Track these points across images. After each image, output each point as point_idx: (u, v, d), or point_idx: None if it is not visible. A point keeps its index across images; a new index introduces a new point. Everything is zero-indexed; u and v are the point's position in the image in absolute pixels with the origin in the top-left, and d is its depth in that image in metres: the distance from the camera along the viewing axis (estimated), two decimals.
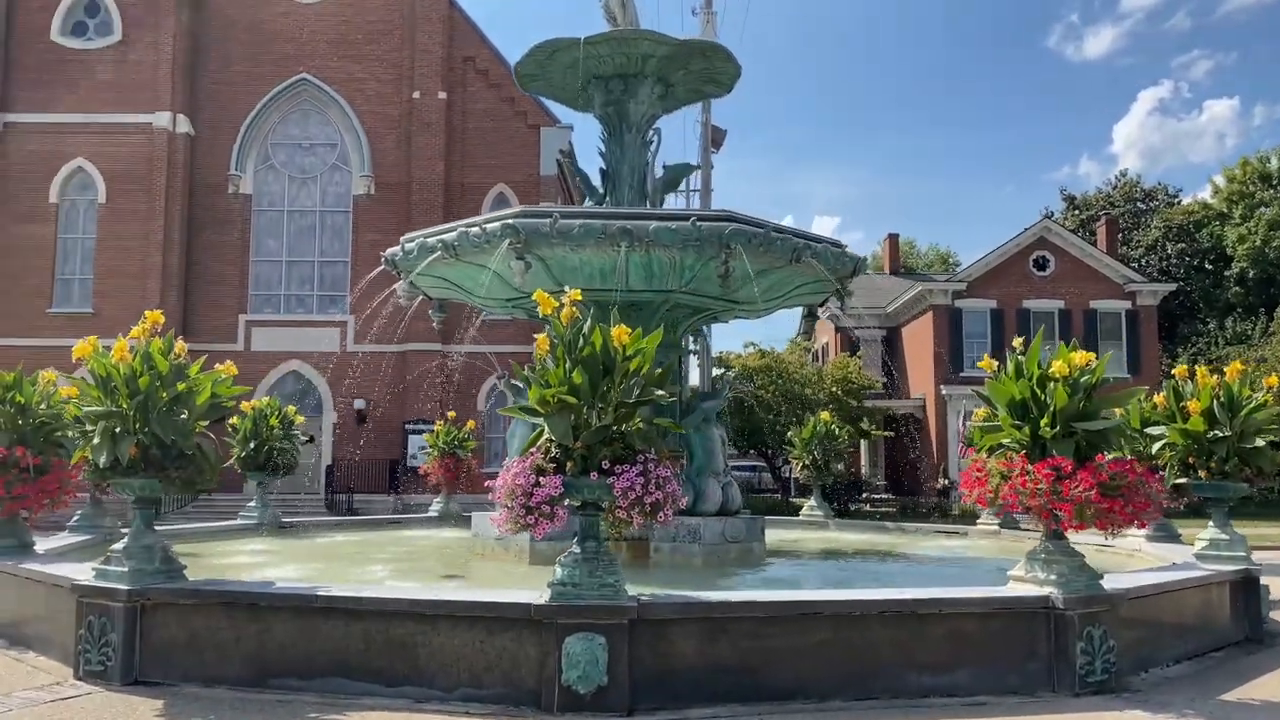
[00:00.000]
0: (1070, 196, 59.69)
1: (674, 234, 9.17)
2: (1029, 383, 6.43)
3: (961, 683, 6.08)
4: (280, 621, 6.08)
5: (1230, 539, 8.37)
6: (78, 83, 35.39)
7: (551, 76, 11.77)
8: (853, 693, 5.89)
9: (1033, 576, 6.42)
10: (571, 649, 5.49)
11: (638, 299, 10.49)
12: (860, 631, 6.00)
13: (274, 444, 13.47)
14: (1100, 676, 6.19)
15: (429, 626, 5.83)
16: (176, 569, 6.53)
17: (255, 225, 36.67)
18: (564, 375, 5.70)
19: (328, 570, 9.25)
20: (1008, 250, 38.25)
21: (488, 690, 5.70)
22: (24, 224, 34.78)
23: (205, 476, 6.57)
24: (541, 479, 5.55)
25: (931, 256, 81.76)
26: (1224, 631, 7.94)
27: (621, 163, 11.56)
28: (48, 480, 8.17)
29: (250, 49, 36.51)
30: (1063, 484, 6.05)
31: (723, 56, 11.39)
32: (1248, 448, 8.16)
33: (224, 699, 5.83)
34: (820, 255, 9.95)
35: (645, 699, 5.63)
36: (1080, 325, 37.93)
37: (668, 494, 5.61)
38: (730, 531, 10.10)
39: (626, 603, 5.64)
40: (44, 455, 8.20)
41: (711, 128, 30.46)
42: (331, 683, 5.91)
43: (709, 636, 5.82)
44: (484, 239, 9.44)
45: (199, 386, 6.60)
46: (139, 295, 34.46)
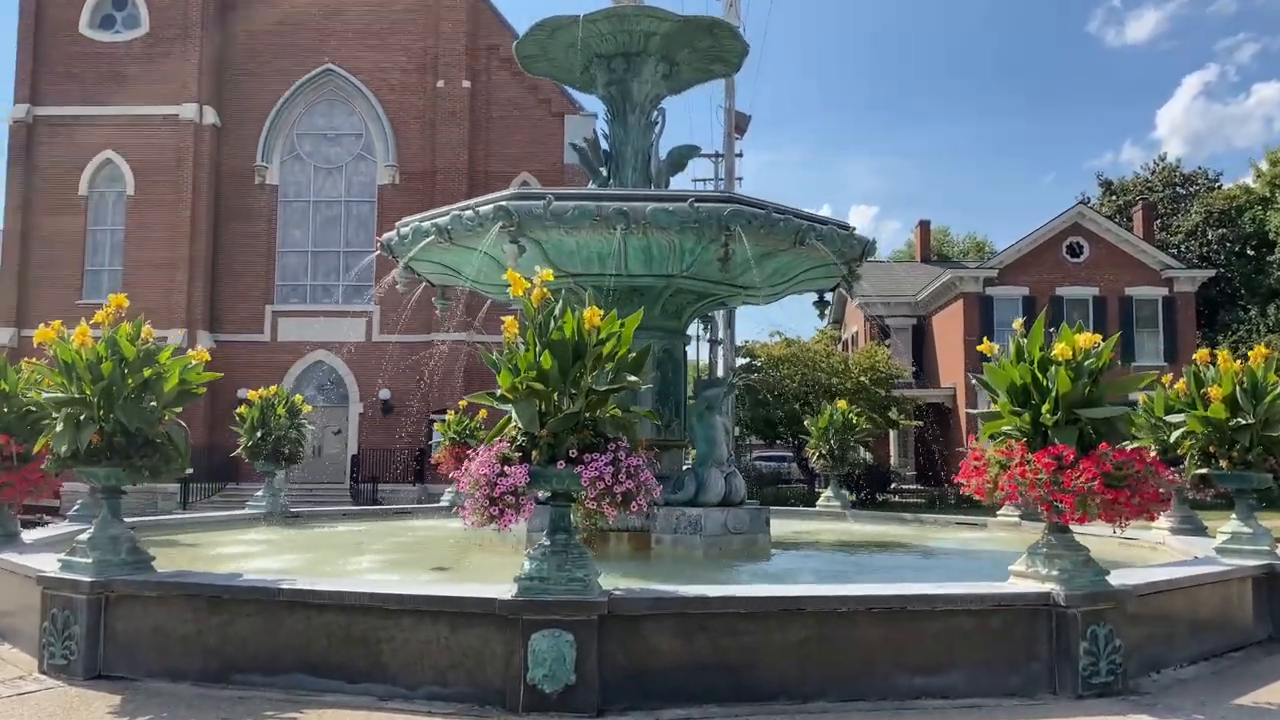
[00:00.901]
0: (1107, 182, 58.45)
1: (671, 216, 8.86)
2: (1030, 366, 6.07)
3: (956, 684, 5.75)
4: (244, 615, 5.88)
5: (1254, 532, 7.94)
6: (106, 76, 35.63)
7: (554, 56, 11.48)
8: (838, 693, 5.58)
9: (1034, 572, 6.07)
10: (537, 646, 5.23)
11: (638, 284, 10.20)
12: (847, 629, 5.68)
13: (281, 433, 13.35)
14: (1105, 678, 5.83)
15: (392, 622, 5.60)
16: (144, 560, 6.35)
17: (281, 216, 36.79)
18: (533, 360, 5.43)
19: (317, 562, 9.07)
20: (1040, 236, 37.47)
21: (452, 688, 5.46)
22: (54, 216, 35.11)
23: (174, 465, 6.38)
24: (507, 468, 5.28)
25: (967, 244, 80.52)
26: (1245, 630, 7.52)
27: (625, 144, 11.26)
28: (30, 469, 8.02)
29: (276, 40, 36.57)
30: (1064, 474, 5.68)
31: (728, 33, 11.04)
32: (1273, 436, 7.73)
33: (184, 695, 5.64)
34: (825, 237, 9.59)
35: (617, 699, 5.36)
36: (1116, 312, 37.15)
37: (640, 484, 5.33)
38: (733, 523, 9.79)
39: (596, 598, 5.36)
40: (27, 444, 8.06)
41: (736, 113, 30.09)
42: (295, 679, 5.70)
43: (685, 633, 5.53)
44: (476, 222, 9.19)
45: (167, 372, 6.40)
46: (167, 286, 34.74)
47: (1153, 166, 58.77)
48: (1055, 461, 5.74)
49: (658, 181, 11.27)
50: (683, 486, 9.95)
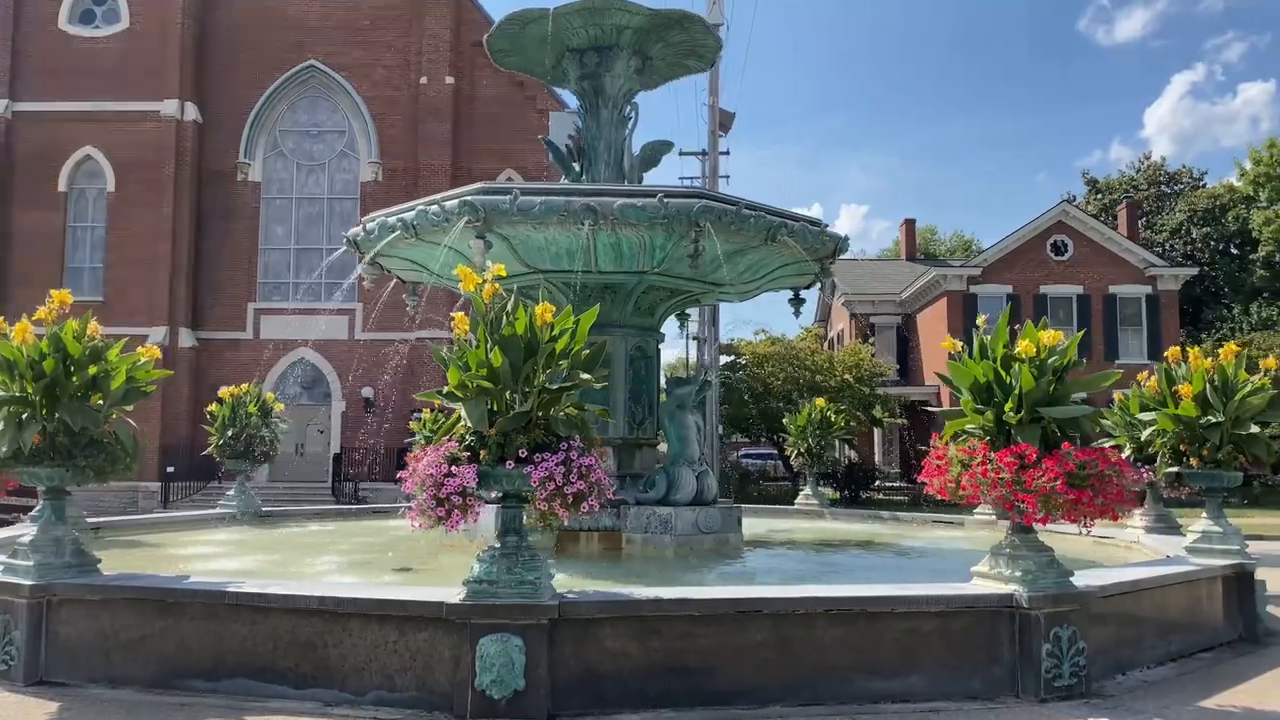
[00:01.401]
0: (1092, 180, 58.55)
1: (640, 211, 8.73)
2: (993, 364, 5.97)
3: (917, 687, 5.64)
4: (188, 619, 5.73)
5: (1224, 531, 7.86)
6: (85, 71, 35.28)
7: (526, 50, 11.34)
8: (797, 698, 5.47)
9: (997, 573, 5.97)
10: (485, 651, 5.10)
11: (609, 280, 10.08)
12: (805, 631, 5.57)
13: (252, 431, 13.17)
14: (1069, 680, 5.73)
15: (340, 626, 5.46)
16: (89, 563, 6.19)
17: (264, 213, 36.51)
18: (483, 357, 5.30)
19: (279, 563, 8.92)
20: (1024, 234, 37.46)
21: (401, 694, 5.33)
22: (34, 212, 34.77)
23: (120, 465, 6.23)
24: (454, 468, 5.14)
25: (954, 243, 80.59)
26: (1215, 630, 7.44)
27: (598, 139, 11.13)
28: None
29: (258, 35, 36.27)
30: (1026, 474, 5.59)
31: (700, 28, 10.92)
32: (1242, 434, 7.64)
33: (125, 701, 5.49)
34: (797, 234, 9.48)
35: (569, 704, 5.24)
36: (1100, 311, 37.16)
37: (592, 484, 5.21)
38: (704, 522, 9.68)
39: (547, 601, 5.24)
40: None
41: (720, 110, 29.96)
42: (240, 684, 5.56)
43: (640, 637, 5.41)
44: (442, 217, 9.04)
45: (114, 370, 6.24)
46: (148, 284, 34.47)
47: (1138, 165, 58.90)
48: (1017, 461, 5.64)
49: (630, 177, 11.13)
50: (654, 485, 9.84)
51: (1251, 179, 51.31)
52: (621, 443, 10.28)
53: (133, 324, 34.18)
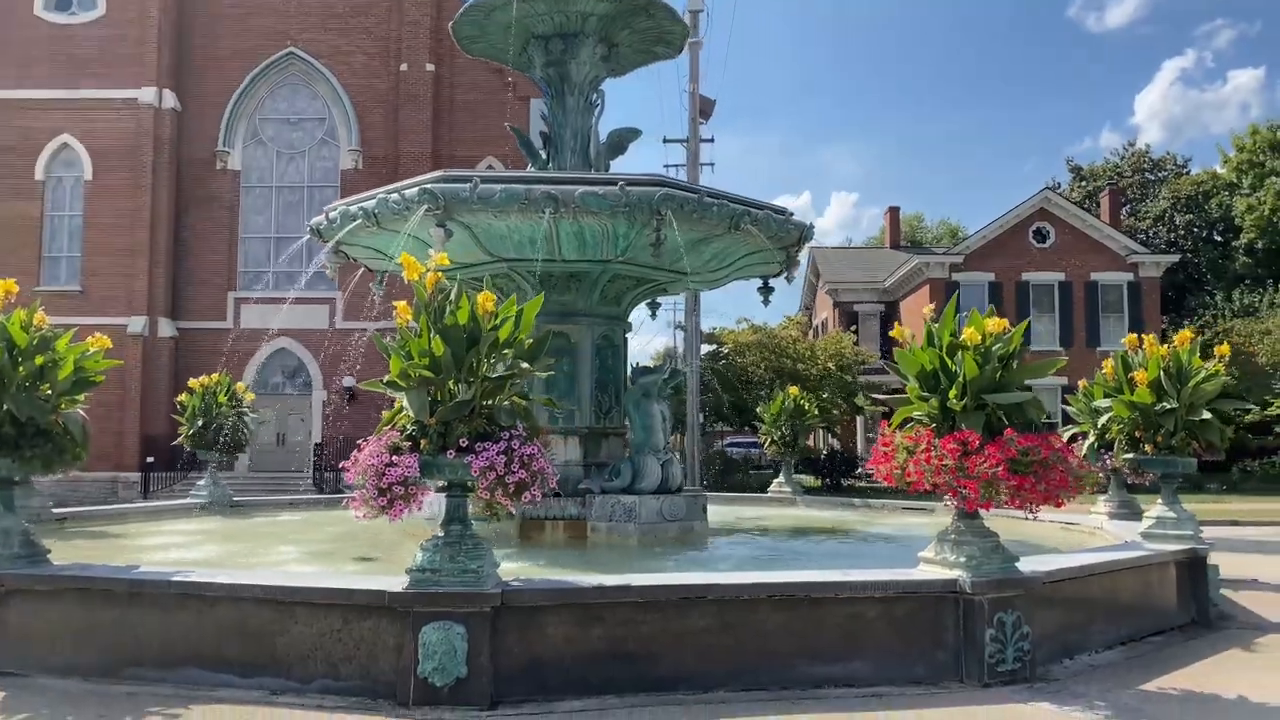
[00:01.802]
0: (1077, 168, 58.69)
1: (602, 200, 8.73)
2: (939, 352, 6.00)
3: (861, 673, 5.69)
4: (136, 609, 5.74)
5: (1178, 517, 7.93)
6: (62, 58, 35.01)
7: (492, 37, 11.31)
8: (739, 683, 5.51)
9: (942, 559, 6.02)
10: (427, 639, 5.12)
11: (574, 269, 10.09)
12: (748, 617, 5.60)
13: (222, 421, 13.14)
14: (1012, 665, 5.79)
15: (286, 614, 5.48)
16: (38, 554, 6.19)
17: (244, 202, 36.36)
18: (425, 346, 5.30)
19: (240, 553, 8.92)
20: (1007, 222, 37.57)
21: (346, 682, 5.35)
22: (10, 201, 34.52)
23: (67, 455, 6.21)
24: (395, 458, 5.16)
25: (940, 230, 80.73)
26: (1167, 614, 7.52)
27: (564, 127, 11.11)
28: None
29: (237, 22, 36.06)
30: (969, 460, 5.63)
31: (667, 14, 10.90)
32: (1195, 420, 7.70)
33: (71, 692, 5.50)
34: (760, 222, 9.48)
35: (511, 691, 5.27)
36: (1081, 298, 37.34)
37: (534, 473, 5.22)
38: (669, 510, 9.72)
39: (490, 589, 5.25)
40: None
41: (700, 97, 29.90)
42: (188, 673, 5.57)
43: (582, 624, 5.44)
44: (403, 205, 9.03)
45: (62, 359, 6.22)
46: (127, 273, 34.31)
47: (1122, 152, 59.04)
48: (960, 447, 5.68)
49: (597, 165, 11.12)
50: (619, 474, 9.86)
51: (1235, 166, 51.51)
52: (588, 432, 10.30)
53: (112, 314, 34.09)
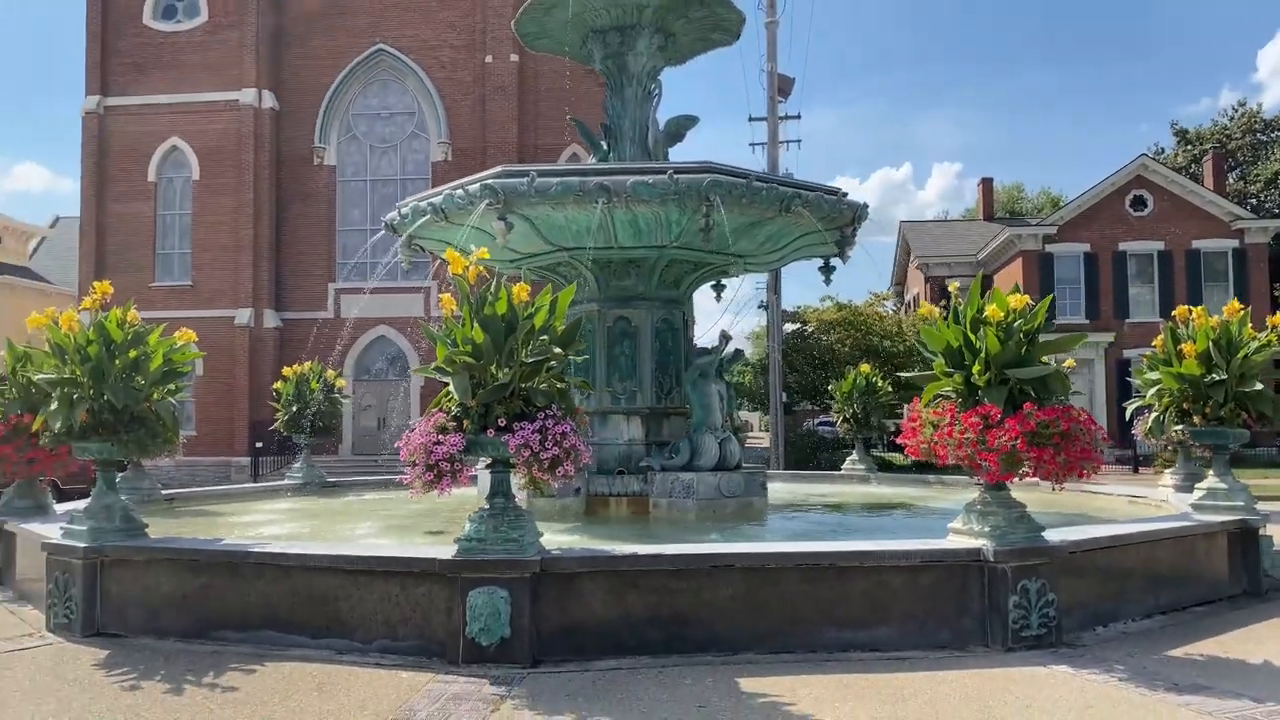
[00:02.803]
0: (1182, 131, 56.33)
1: (652, 189, 9.04)
2: (962, 328, 6.18)
3: (887, 638, 5.95)
4: (220, 577, 6.35)
5: (1229, 488, 7.90)
6: (169, 64, 36.81)
7: (553, 33, 11.71)
8: (767, 647, 5.83)
9: (969, 528, 6.22)
10: (474, 602, 5.58)
11: (632, 255, 10.44)
12: (775, 586, 5.91)
13: (316, 407, 13.94)
14: (1037, 631, 5.97)
15: (350, 581, 6.00)
16: (136, 527, 6.86)
17: (340, 196, 37.69)
18: (467, 334, 5.74)
19: (321, 528, 9.57)
20: (1101, 190, 36.49)
21: (403, 642, 5.85)
22: (126, 202, 36.54)
23: (159, 440, 6.86)
24: (442, 437, 5.61)
25: (1040, 200, 78.50)
26: (1215, 584, 7.54)
27: (623, 117, 11.45)
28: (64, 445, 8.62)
29: (329, 22, 37.30)
30: (990, 433, 5.82)
31: (721, 2, 11.11)
32: (1246, 391, 7.68)
33: (165, 650, 6.13)
34: (812, 204, 9.69)
35: (551, 651, 5.70)
36: (1182, 266, 36.10)
37: (566, 449, 5.61)
38: (726, 486, 10.03)
39: (530, 557, 5.68)
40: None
41: (779, 76, 29.86)
42: (265, 635, 6.15)
43: (617, 590, 5.83)
44: (467, 200, 9.50)
45: (153, 352, 6.86)
46: (233, 267, 36.02)
47: (1230, 113, 56.48)
48: (982, 421, 5.87)
49: (655, 153, 11.44)
50: (679, 452, 10.21)
51: None
52: (649, 411, 10.67)
53: (220, 306, 35.91)
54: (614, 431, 10.63)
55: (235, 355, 35.64)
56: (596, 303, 10.80)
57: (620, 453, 10.53)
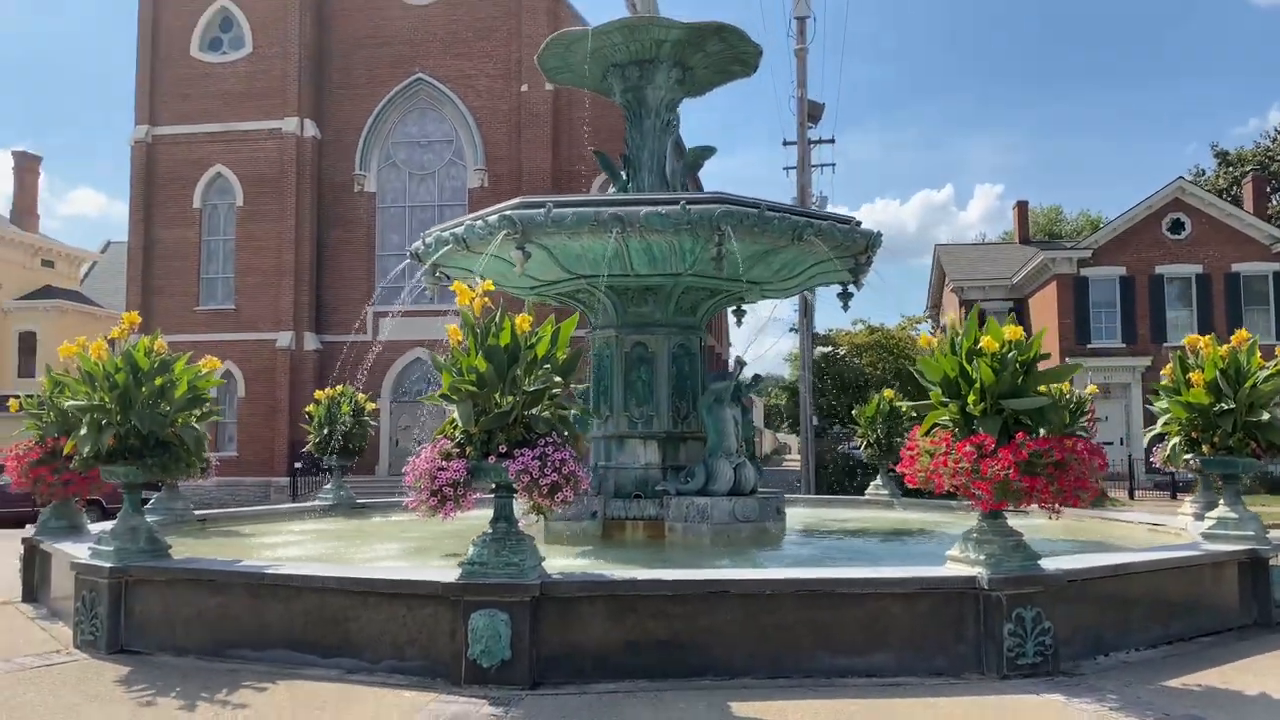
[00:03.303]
0: (1223, 153, 55.64)
1: (665, 218, 9.23)
2: (958, 359, 6.28)
3: (883, 664, 6.03)
4: (236, 598, 6.58)
5: (1239, 518, 7.89)
6: (215, 95, 37.77)
7: (575, 67, 11.96)
8: (764, 671, 5.93)
9: (965, 556, 6.30)
10: (476, 624, 5.75)
11: (648, 283, 10.63)
12: (772, 611, 6.02)
13: (346, 429, 14.24)
14: (1033, 659, 6.02)
15: (359, 603, 6.21)
16: (160, 549, 7.12)
17: (379, 221, 38.35)
18: (471, 363, 5.94)
19: (343, 549, 9.81)
20: (1137, 214, 36.15)
21: (409, 662, 6.03)
22: (172, 228, 37.48)
23: (182, 464, 7.12)
24: (446, 463, 5.81)
25: (1080, 223, 77.74)
26: (1224, 614, 7.51)
27: (641, 148, 11.68)
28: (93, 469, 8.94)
29: (369, 52, 38.11)
30: (983, 462, 5.91)
31: (738, 36, 11.30)
32: (1255, 420, 7.67)
33: (183, 668, 6.36)
34: (824, 233, 9.82)
35: (551, 674, 5.85)
36: (1222, 290, 35.62)
37: (565, 476, 5.77)
38: (741, 511, 10.12)
39: (530, 581, 5.85)
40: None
41: (809, 102, 30.03)
42: (279, 654, 6.36)
43: (616, 614, 5.97)
44: (486, 230, 9.75)
45: (178, 380, 7.14)
46: (274, 291, 36.75)
47: (1273, 134, 55.71)
48: (976, 450, 5.96)
49: (673, 183, 11.65)
50: (693, 476, 10.34)
51: None
52: (666, 436, 10.81)
53: (262, 329, 36.62)
54: (631, 456, 10.79)
55: (276, 377, 36.29)
56: (614, 328, 11.00)
57: (637, 476, 10.68)
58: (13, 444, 9.06)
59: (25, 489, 9.07)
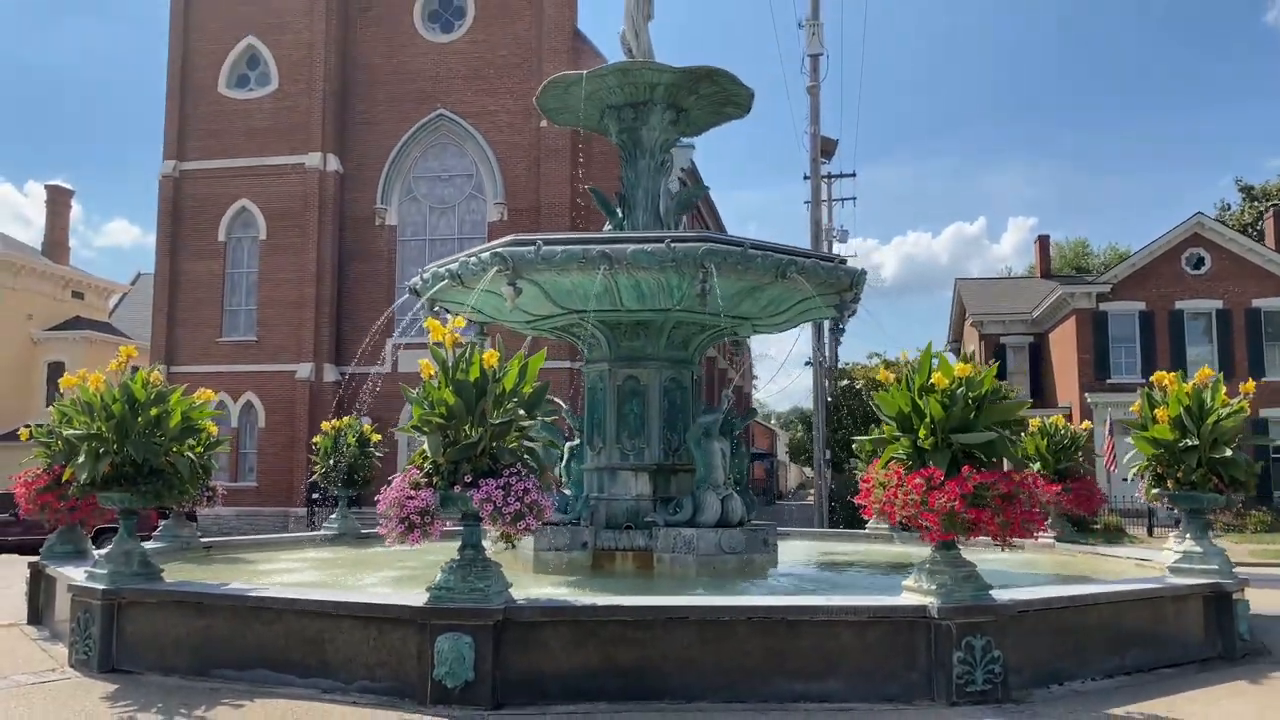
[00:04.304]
0: (1247, 187, 55.52)
1: (651, 256, 9.54)
2: (910, 394, 6.51)
3: (836, 690, 6.23)
4: (219, 620, 6.88)
5: (1204, 552, 8.03)
6: (240, 130, 38.64)
7: (574, 108, 12.36)
8: (719, 696, 6.15)
9: (919, 586, 6.49)
10: (441, 647, 6.01)
11: (639, 318, 10.93)
12: (727, 637, 6.24)
13: (351, 460, 14.61)
14: (982, 686, 6.20)
15: (334, 625, 6.48)
16: (153, 572, 7.44)
17: (400, 254, 38.92)
18: (440, 397, 6.24)
19: (336, 577, 10.10)
20: (1156, 249, 36.14)
21: (380, 683, 6.29)
22: (197, 261, 38.24)
23: (175, 491, 7.46)
24: (414, 492, 6.10)
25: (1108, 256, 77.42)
26: (1188, 646, 7.64)
27: (636, 187, 12.03)
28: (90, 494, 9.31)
29: (392, 88, 38.90)
30: (930, 494, 6.12)
31: (729, 79, 11.65)
32: (1217, 457, 7.83)
33: (168, 686, 6.66)
34: (807, 271, 10.07)
35: (515, 696, 6.09)
36: (1242, 325, 35.47)
37: (527, 504, 6.04)
38: (727, 543, 10.32)
39: (494, 606, 6.11)
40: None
41: (822, 138, 30.41)
42: (259, 674, 6.65)
43: (578, 638, 6.21)
44: (480, 267, 10.11)
45: (171, 411, 7.49)
46: (296, 323, 37.35)
47: None
48: (925, 483, 6.18)
49: (667, 221, 11.97)
50: (681, 508, 10.57)
51: None
52: (656, 468, 11.05)
53: (283, 361, 37.22)
54: (622, 487, 11.04)
55: (296, 409, 36.81)
56: (607, 362, 11.29)
57: (628, 508, 10.92)
58: (22, 471, 9.44)
59: (34, 515, 9.45)
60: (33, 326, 46.65)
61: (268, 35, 39.26)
